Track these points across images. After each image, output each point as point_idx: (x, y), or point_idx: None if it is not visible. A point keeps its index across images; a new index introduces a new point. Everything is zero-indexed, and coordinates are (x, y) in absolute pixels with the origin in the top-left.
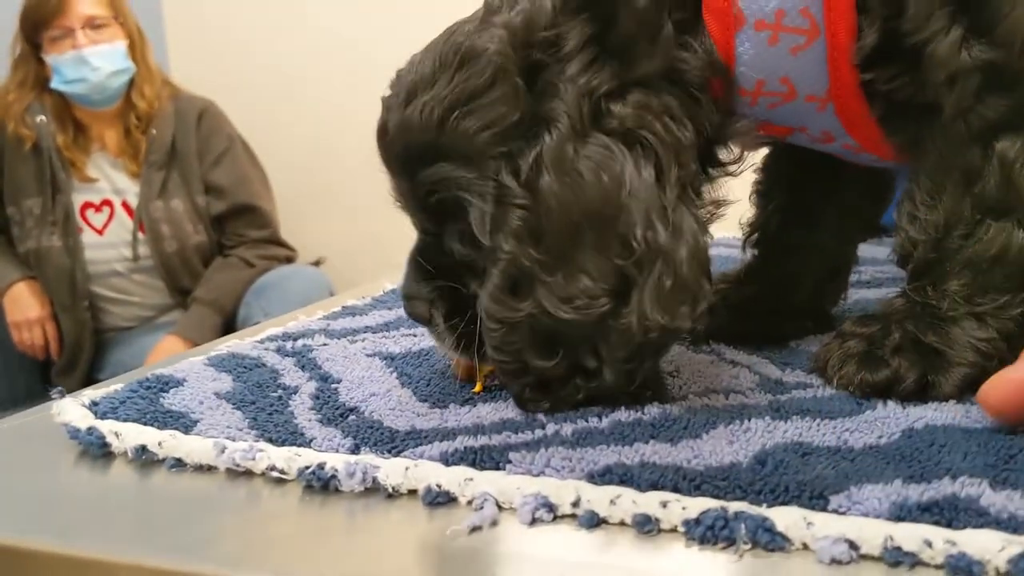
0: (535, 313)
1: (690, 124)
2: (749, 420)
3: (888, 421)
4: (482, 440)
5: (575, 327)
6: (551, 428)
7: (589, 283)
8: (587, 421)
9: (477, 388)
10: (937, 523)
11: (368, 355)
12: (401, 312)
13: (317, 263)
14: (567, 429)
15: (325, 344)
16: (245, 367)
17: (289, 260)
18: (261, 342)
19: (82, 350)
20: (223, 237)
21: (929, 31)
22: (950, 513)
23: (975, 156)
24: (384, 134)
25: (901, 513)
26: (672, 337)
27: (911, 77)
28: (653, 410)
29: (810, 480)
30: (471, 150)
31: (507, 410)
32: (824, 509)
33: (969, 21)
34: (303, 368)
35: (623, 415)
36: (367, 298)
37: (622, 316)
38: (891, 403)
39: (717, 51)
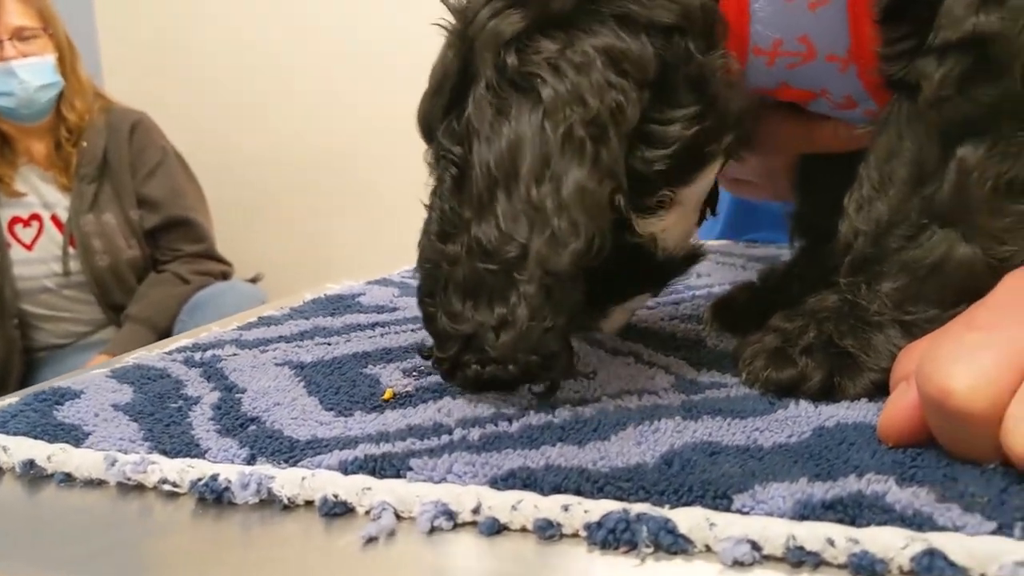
0: (456, 256)
1: (609, 67)
2: (659, 420)
3: (799, 419)
4: (384, 447)
5: (487, 274)
6: (458, 433)
7: (499, 232)
8: (497, 425)
9: (387, 395)
10: (841, 521)
11: (278, 364)
12: (318, 321)
13: (255, 280)
14: (475, 434)
15: (235, 354)
16: (148, 378)
17: (225, 276)
18: (169, 353)
19: (11, 370)
20: (157, 252)
21: None
22: (854, 511)
23: (932, 155)
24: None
25: (805, 512)
26: (568, 286)
27: (916, 42)
28: (564, 412)
29: (715, 479)
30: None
31: (415, 416)
32: (728, 509)
33: None
34: (208, 378)
35: (534, 419)
36: (285, 308)
37: (525, 266)
38: (804, 402)
39: (729, 8)
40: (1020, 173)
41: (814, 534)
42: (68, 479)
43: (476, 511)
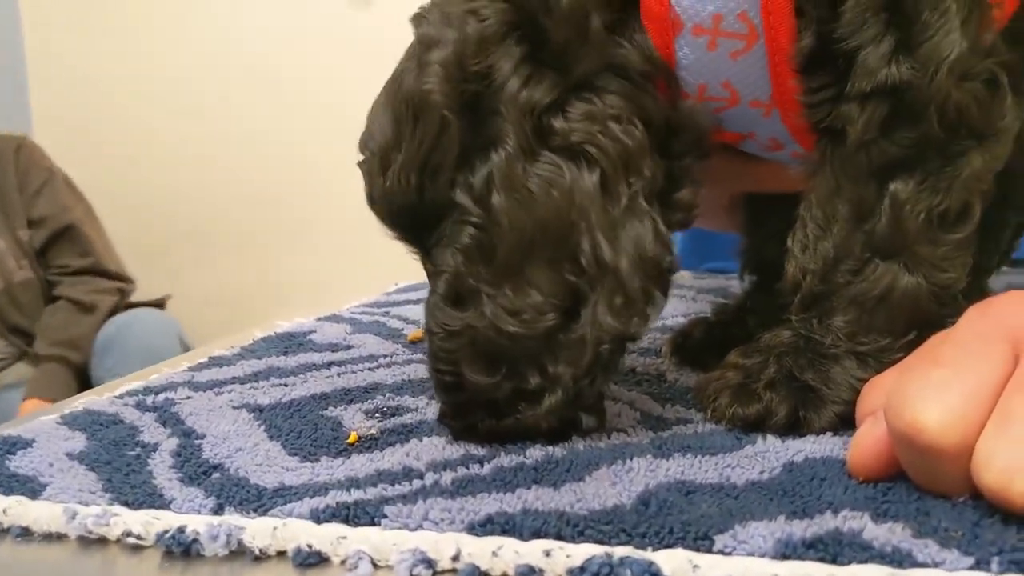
0: (477, 325)
1: (639, 122)
2: (631, 459)
3: (768, 455)
4: (356, 494)
5: (520, 342)
6: (430, 478)
7: (538, 298)
8: (468, 468)
9: (351, 439)
10: (822, 559)
11: (235, 408)
12: (271, 361)
13: (160, 303)
14: (447, 478)
15: (189, 397)
16: (101, 424)
17: (122, 292)
18: (120, 397)
19: None
20: (48, 273)
21: (863, 37)
22: (835, 549)
23: (869, 193)
24: (374, 204)
25: (786, 551)
26: (622, 349)
27: (836, 91)
28: (536, 453)
29: (695, 520)
30: (449, 201)
31: (383, 461)
32: (710, 550)
33: (899, 34)
34: (164, 424)
35: (505, 460)
36: (235, 348)
37: (572, 331)
38: (771, 437)
39: (659, 55)
40: (951, 204)
41: (796, 574)
42: (25, 533)
43: (456, 558)
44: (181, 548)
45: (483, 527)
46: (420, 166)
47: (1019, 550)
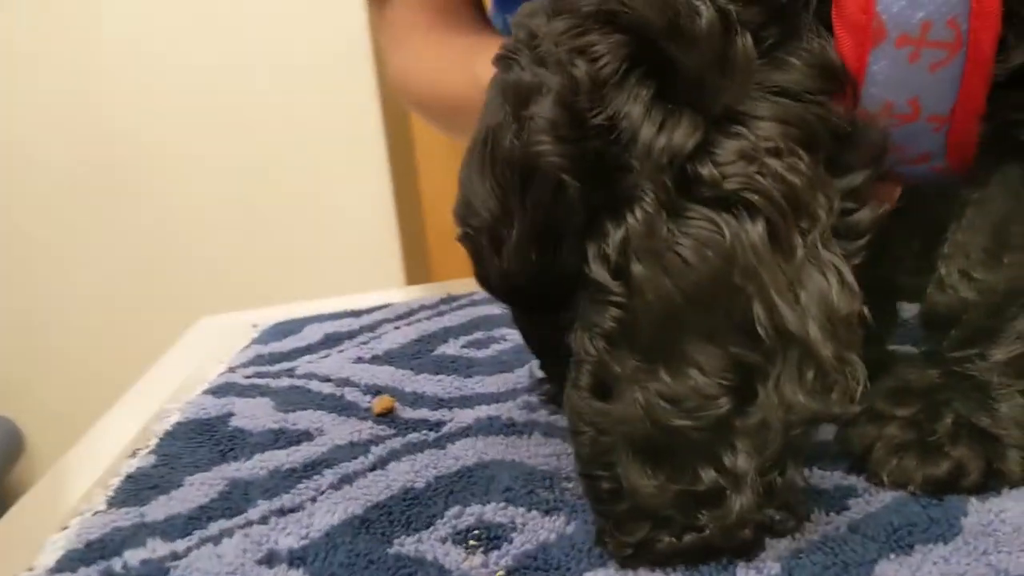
0: (630, 418)
1: (802, 150)
2: (875, 565)
3: (999, 528)
4: None
5: (686, 434)
6: None
7: (703, 380)
8: None
9: None
10: None
11: (262, 563)
12: (227, 471)
13: None
14: None
15: (182, 555)
16: None
17: None
18: (85, 566)
19: None
20: None
21: None
22: None
23: None
24: (487, 284)
25: None
26: (815, 430)
27: None
28: (749, 574)
29: None
30: (578, 274)
31: None
32: None
33: None
34: None
35: None
36: (143, 451)
37: (750, 415)
38: (975, 501)
39: (844, 66)
40: None
41: None
42: None
43: None
44: None
45: None
46: (538, 240)
47: None
